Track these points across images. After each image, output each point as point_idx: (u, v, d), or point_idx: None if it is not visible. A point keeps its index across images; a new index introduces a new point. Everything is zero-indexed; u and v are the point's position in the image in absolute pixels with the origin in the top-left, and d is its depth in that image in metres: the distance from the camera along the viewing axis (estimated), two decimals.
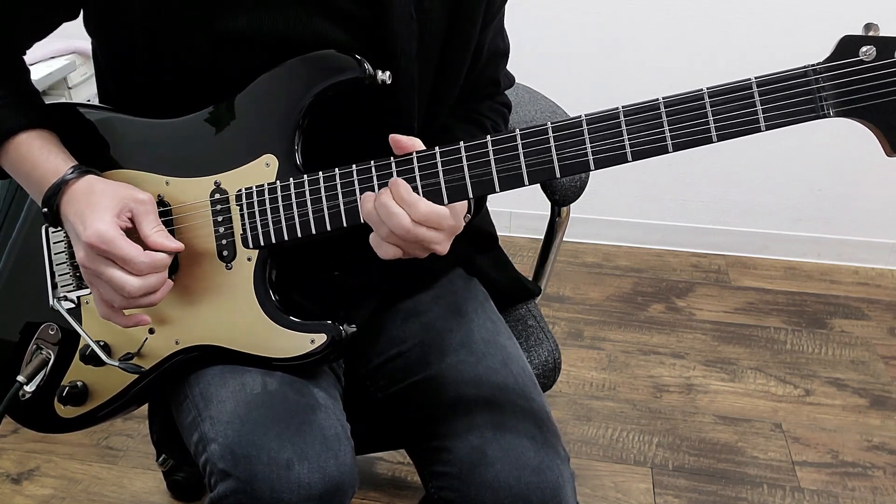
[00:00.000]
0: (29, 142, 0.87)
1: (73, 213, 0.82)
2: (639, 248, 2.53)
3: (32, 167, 0.86)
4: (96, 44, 0.92)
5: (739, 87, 0.71)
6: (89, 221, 0.80)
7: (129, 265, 0.80)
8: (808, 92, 0.70)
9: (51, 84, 1.97)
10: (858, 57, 0.69)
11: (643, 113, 0.73)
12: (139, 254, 0.80)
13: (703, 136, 0.72)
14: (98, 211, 0.81)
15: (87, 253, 0.81)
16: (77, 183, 0.84)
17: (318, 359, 0.85)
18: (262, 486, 0.78)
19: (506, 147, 0.77)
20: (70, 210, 0.83)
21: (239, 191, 0.85)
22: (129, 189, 0.84)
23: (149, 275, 0.81)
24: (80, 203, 0.82)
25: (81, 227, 0.81)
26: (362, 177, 0.80)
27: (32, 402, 0.95)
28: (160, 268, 0.82)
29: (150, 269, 0.80)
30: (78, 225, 0.81)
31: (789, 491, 1.63)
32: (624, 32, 2.25)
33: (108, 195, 0.82)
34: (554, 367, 1.15)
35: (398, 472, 1.65)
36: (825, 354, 2.05)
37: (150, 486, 1.62)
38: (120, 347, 0.91)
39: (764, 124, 0.71)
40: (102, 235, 0.79)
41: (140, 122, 0.90)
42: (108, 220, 0.80)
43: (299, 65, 0.84)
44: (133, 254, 0.80)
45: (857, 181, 2.31)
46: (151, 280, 0.81)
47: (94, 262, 0.81)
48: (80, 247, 0.82)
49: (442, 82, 0.95)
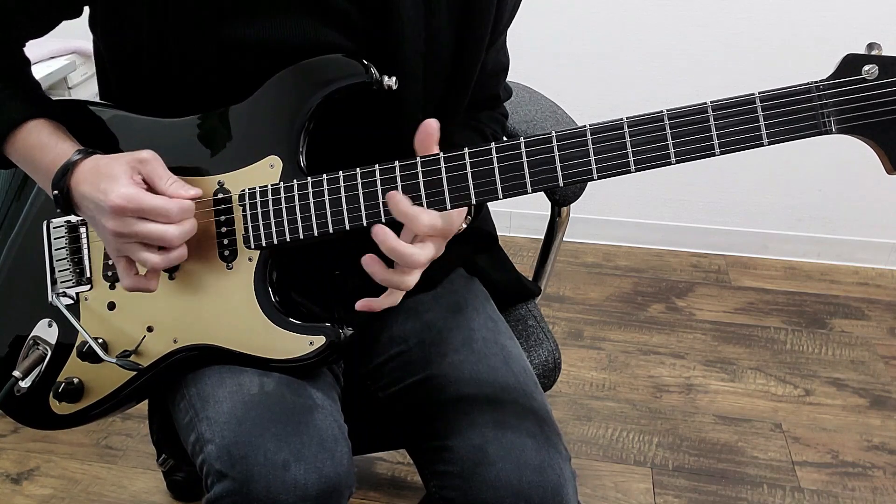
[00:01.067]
0: (37, 130, 0.87)
1: (88, 190, 0.82)
2: (639, 248, 2.53)
3: (41, 154, 0.86)
4: (101, 43, 0.92)
5: (743, 101, 0.72)
6: (109, 188, 0.80)
7: (162, 215, 0.80)
8: (810, 108, 0.71)
9: (51, 84, 1.97)
10: (861, 75, 0.70)
11: (647, 125, 0.73)
12: (167, 201, 0.80)
13: (706, 149, 0.73)
14: (113, 178, 0.80)
15: (117, 218, 0.80)
16: (83, 163, 0.83)
17: (316, 361, 0.85)
18: (258, 487, 0.78)
19: (510, 155, 0.77)
20: (84, 188, 0.82)
21: (242, 191, 0.85)
22: (128, 154, 0.83)
23: (182, 221, 0.81)
24: (92, 178, 0.82)
25: (102, 196, 0.80)
26: (366, 180, 0.80)
27: (27, 398, 0.95)
28: (189, 212, 0.82)
29: (182, 215, 0.80)
30: (99, 196, 0.80)
31: (789, 491, 1.63)
32: (624, 33, 2.25)
33: (114, 164, 0.82)
34: (554, 366, 1.15)
35: (398, 472, 1.65)
36: (825, 354, 2.05)
37: (150, 486, 1.62)
38: (118, 345, 0.91)
39: (766, 139, 0.72)
40: (126, 195, 0.79)
41: (144, 121, 0.90)
42: (126, 182, 0.80)
43: (306, 68, 0.84)
44: (161, 202, 0.79)
45: (857, 181, 2.31)
46: (187, 226, 0.81)
47: (127, 224, 0.80)
48: (107, 216, 0.80)
49: (449, 95, 0.95)
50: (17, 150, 0.88)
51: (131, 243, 0.81)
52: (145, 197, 0.79)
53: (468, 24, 0.91)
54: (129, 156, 0.82)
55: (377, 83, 0.83)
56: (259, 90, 0.85)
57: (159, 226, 0.80)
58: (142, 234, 0.80)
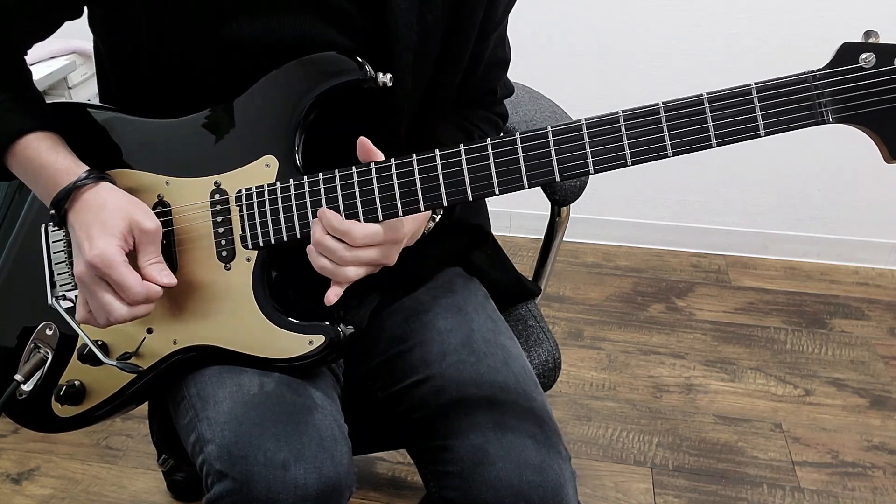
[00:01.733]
0: (37, 143, 0.87)
1: (79, 226, 0.83)
2: (639, 248, 2.53)
3: (41, 167, 0.86)
4: (101, 43, 0.92)
5: (739, 92, 0.71)
6: (95, 240, 0.81)
7: (125, 293, 0.81)
8: (807, 98, 0.70)
9: (51, 84, 1.97)
10: (858, 64, 0.69)
11: (643, 117, 0.73)
12: (136, 283, 0.81)
13: (703, 141, 0.72)
14: (105, 231, 0.81)
15: (87, 270, 0.82)
16: (89, 192, 0.84)
17: (315, 360, 0.85)
18: (258, 487, 0.78)
19: (506, 151, 0.77)
20: (77, 221, 0.83)
21: (239, 191, 0.85)
22: (138, 213, 0.84)
23: (138, 305, 0.82)
24: (89, 217, 0.83)
25: (87, 244, 0.81)
26: (362, 178, 0.80)
27: (30, 401, 0.95)
28: (153, 299, 0.83)
29: (143, 300, 0.82)
30: (84, 241, 0.82)
31: (789, 491, 1.63)
32: (624, 32, 2.25)
33: (116, 215, 0.82)
34: (554, 366, 1.15)
35: (398, 472, 1.65)
36: (825, 354, 2.05)
37: (150, 486, 1.62)
38: (118, 347, 0.91)
39: (763, 130, 0.71)
40: (105, 258, 0.80)
41: (141, 122, 0.90)
42: (113, 244, 0.81)
43: (301, 66, 0.84)
44: (131, 282, 0.81)
45: (857, 181, 2.31)
46: (139, 311, 0.83)
47: (92, 280, 0.82)
48: (81, 262, 0.82)
49: (435, 90, 0.95)
50: (18, 162, 0.88)
51: (89, 294, 0.83)
52: (121, 269, 0.80)
53: (458, 15, 0.91)
54: (134, 218, 0.83)
55: (372, 80, 0.83)
56: (254, 88, 0.85)
57: (114, 300, 0.81)
58: (96, 297, 0.82)
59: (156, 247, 0.84)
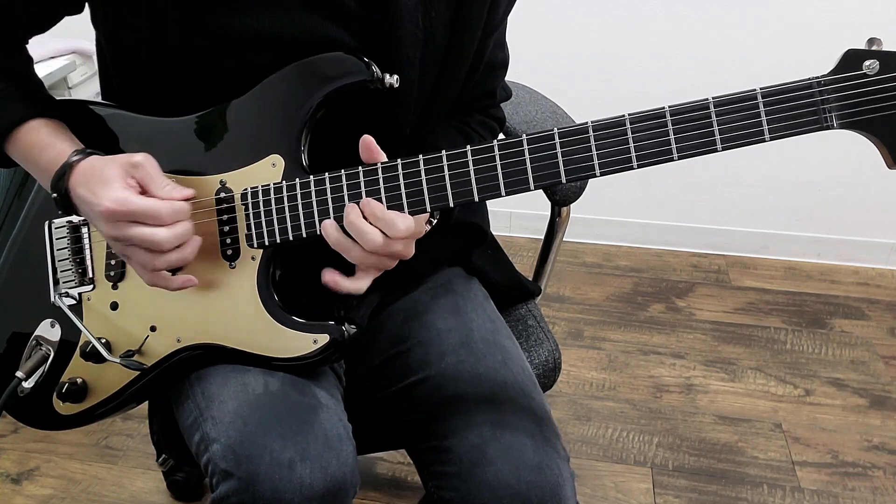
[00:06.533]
0: (38, 129, 0.87)
1: (84, 192, 0.82)
2: (639, 248, 2.53)
3: (41, 153, 0.86)
4: (103, 40, 0.92)
5: (745, 97, 0.72)
6: (101, 192, 0.80)
7: (152, 218, 0.79)
8: (812, 104, 0.71)
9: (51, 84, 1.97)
10: (862, 70, 0.70)
11: (649, 121, 0.74)
12: (158, 204, 0.79)
13: (709, 145, 0.73)
14: (105, 182, 0.80)
15: (109, 221, 0.80)
16: (81, 163, 0.83)
17: (320, 359, 0.85)
18: (264, 486, 0.78)
19: (512, 152, 0.77)
20: (80, 189, 0.82)
21: (244, 190, 0.85)
22: (123, 157, 0.83)
23: (174, 224, 0.80)
24: (88, 181, 0.82)
25: (95, 200, 0.80)
26: (368, 178, 0.80)
27: (31, 399, 0.95)
28: (182, 214, 0.81)
29: (173, 216, 0.80)
30: (92, 200, 0.81)
31: (789, 491, 1.63)
32: (625, 32, 2.25)
33: (108, 167, 0.81)
34: (554, 367, 1.15)
35: (398, 472, 1.65)
36: (825, 354, 2.05)
37: (150, 486, 1.62)
38: (121, 345, 0.91)
39: (768, 135, 0.72)
40: (117, 198, 0.79)
41: (145, 120, 0.90)
42: (119, 186, 0.80)
43: (308, 66, 0.84)
44: (151, 204, 0.79)
45: (857, 181, 2.31)
46: (178, 229, 0.81)
47: (119, 227, 0.80)
48: (100, 220, 0.81)
49: (439, 90, 0.95)
50: (19, 149, 0.88)
51: (128, 246, 0.82)
52: (136, 199, 0.79)
53: (462, 13, 0.91)
54: (123, 159, 0.82)
55: (378, 81, 0.83)
56: (259, 86, 0.85)
57: (149, 228, 0.79)
58: (134, 238, 0.80)
59: (158, 173, 0.82)
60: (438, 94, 0.95)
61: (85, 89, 2.11)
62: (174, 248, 0.81)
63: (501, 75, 1.08)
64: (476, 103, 1.06)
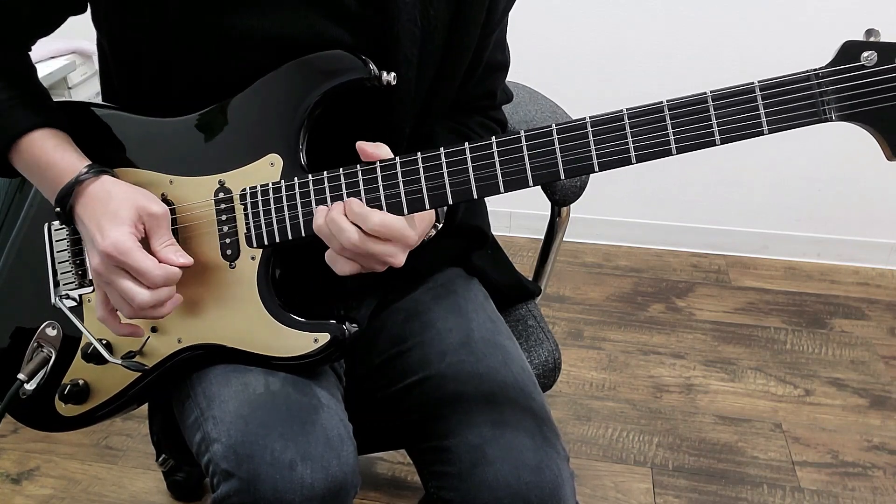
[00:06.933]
0: (42, 140, 0.86)
1: (88, 219, 0.82)
2: (639, 248, 2.53)
3: (46, 166, 0.86)
4: (105, 40, 0.92)
5: (742, 90, 0.72)
6: (107, 230, 0.80)
7: (143, 277, 0.80)
8: (810, 96, 0.71)
9: (51, 84, 1.97)
10: (860, 62, 0.70)
11: (647, 115, 0.73)
12: (154, 266, 0.80)
13: (707, 138, 0.73)
14: (115, 220, 0.81)
15: (103, 261, 0.81)
16: (92, 185, 0.83)
17: (320, 358, 0.85)
18: (264, 486, 0.78)
19: (511, 149, 0.77)
20: (86, 214, 0.83)
21: (243, 190, 0.85)
22: (144, 199, 0.83)
23: (160, 288, 0.81)
24: (97, 209, 0.82)
25: (99, 235, 0.81)
26: (367, 177, 0.80)
27: (33, 401, 0.95)
28: (172, 281, 0.82)
29: (163, 282, 0.81)
30: (95, 233, 0.81)
31: (789, 491, 1.63)
32: (625, 32, 2.25)
33: (125, 205, 0.82)
34: (554, 367, 1.15)
35: (398, 472, 1.65)
36: (825, 354, 2.05)
37: (150, 486, 1.62)
38: (122, 346, 0.91)
39: (767, 128, 0.72)
40: (119, 246, 0.79)
41: (144, 121, 0.90)
42: (125, 231, 0.80)
43: (305, 64, 0.84)
44: (148, 266, 0.80)
45: (857, 181, 2.31)
46: (162, 294, 0.81)
47: (109, 270, 0.81)
48: (95, 254, 0.82)
49: (437, 89, 0.95)
50: (23, 160, 0.87)
51: (108, 286, 0.83)
52: (136, 254, 0.80)
53: (460, 11, 0.91)
54: (142, 202, 0.83)
55: (376, 79, 0.83)
56: (257, 86, 0.85)
57: (135, 286, 0.80)
58: (116, 286, 0.81)
59: (167, 230, 0.84)
60: (437, 93, 0.95)
61: (85, 89, 2.11)
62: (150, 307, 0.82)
63: (502, 77, 1.08)
64: (476, 104, 1.06)
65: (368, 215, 0.78)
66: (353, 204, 0.79)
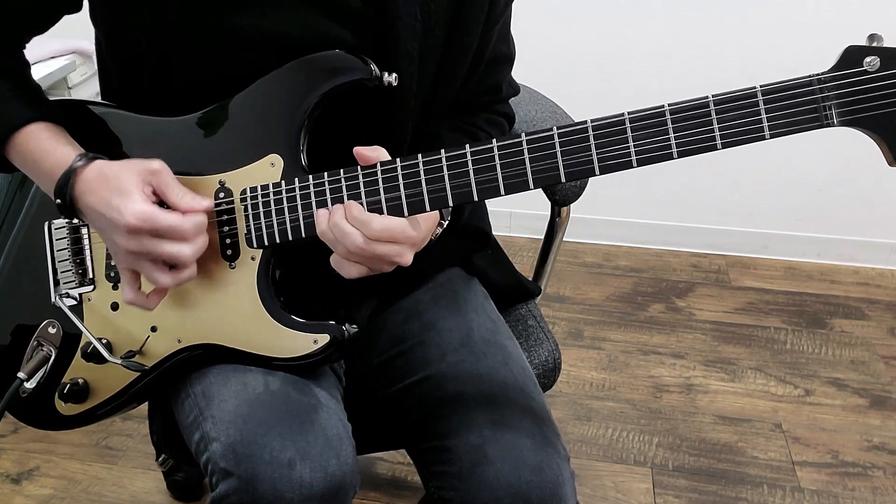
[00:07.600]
0: (37, 133, 0.86)
1: (97, 203, 0.81)
2: (639, 248, 2.53)
3: (42, 158, 0.85)
4: (103, 38, 0.92)
5: (744, 95, 0.72)
6: (122, 206, 0.78)
7: (177, 233, 0.79)
8: (812, 101, 0.71)
9: (51, 84, 1.97)
10: (863, 67, 0.69)
11: (648, 119, 0.73)
12: (183, 220, 0.79)
13: (708, 143, 0.73)
14: (125, 193, 0.79)
15: (133, 236, 0.79)
16: (86, 170, 0.82)
17: (320, 359, 0.85)
18: (263, 486, 0.78)
19: (511, 151, 0.77)
20: (93, 200, 0.81)
21: (244, 190, 0.85)
22: (140, 163, 0.82)
23: (196, 238, 0.80)
24: (102, 191, 0.80)
25: (117, 213, 0.79)
26: (367, 178, 0.80)
27: (33, 399, 0.95)
28: (203, 228, 0.81)
29: (196, 232, 0.80)
30: (112, 213, 0.79)
31: (789, 491, 1.63)
32: (625, 32, 2.25)
33: (125, 176, 0.80)
34: (554, 367, 1.15)
35: (398, 472, 1.65)
36: (825, 354, 2.05)
37: (150, 486, 1.62)
38: (122, 345, 0.91)
39: (768, 132, 0.71)
40: (142, 214, 0.78)
41: (144, 120, 0.90)
42: (140, 198, 0.79)
43: (306, 65, 0.84)
44: (177, 221, 0.79)
45: (857, 181, 2.31)
46: (200, 242, 0.81)
47: (142, 243, 0.79)
48: (119, 234, 0.79)
49: (440, 86, 0.95)
50: (18, 153, 0.87)
51: (143, 261, 0.81)
52: (161, 216, 0.78)
53: (461, 6, 0.91)
54: (139, 166, 0.81)
55: (377, 79, 0.83)
56: (258, 86, 0.85)
57: (174, 245, 0.79)
58: (156, 253, 0.79)
59: (175, 180, 0.81)
60: (438, 90, 0.95)
61: (85, 89, 2.11)
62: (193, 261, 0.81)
63: (507, 70, 1.07)
64: (481, 99, 1.05)
65: (369, 221, 0.78)
66: (353, 209, 0.79)
